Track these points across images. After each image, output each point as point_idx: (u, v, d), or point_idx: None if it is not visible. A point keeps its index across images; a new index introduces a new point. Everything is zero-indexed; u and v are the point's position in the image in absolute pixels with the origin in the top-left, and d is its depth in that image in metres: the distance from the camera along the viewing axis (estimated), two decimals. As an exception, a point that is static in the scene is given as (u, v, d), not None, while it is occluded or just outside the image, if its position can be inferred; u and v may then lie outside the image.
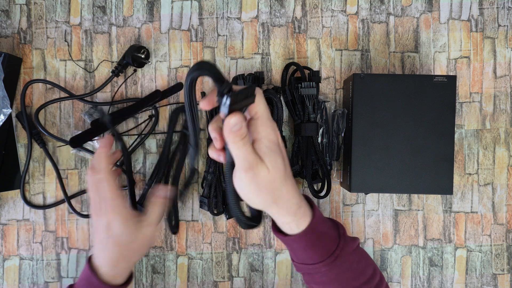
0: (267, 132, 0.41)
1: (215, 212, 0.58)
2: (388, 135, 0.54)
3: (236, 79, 0.57)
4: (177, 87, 0.60)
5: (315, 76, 0.57)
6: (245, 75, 0.57)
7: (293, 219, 0.45)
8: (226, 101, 0.36)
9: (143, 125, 0.61)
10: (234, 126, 0.38)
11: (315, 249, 0.47)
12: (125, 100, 0.60)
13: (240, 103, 0.38)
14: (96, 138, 0.60)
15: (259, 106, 0.40)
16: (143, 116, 0.61)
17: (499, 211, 0.61)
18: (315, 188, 0.59)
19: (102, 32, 0.62)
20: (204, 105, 0.39)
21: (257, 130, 0.41)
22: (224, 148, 0.42)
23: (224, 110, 0.37)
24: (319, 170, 0.59)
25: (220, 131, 0.40)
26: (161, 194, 0.53)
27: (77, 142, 0.58)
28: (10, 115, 0.59)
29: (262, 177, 0.40)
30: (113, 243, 0.48)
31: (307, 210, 0.46)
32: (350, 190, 0.55)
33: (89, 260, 0.51)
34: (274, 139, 0.42)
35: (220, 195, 0.58)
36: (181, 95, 0.61)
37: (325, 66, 0.61)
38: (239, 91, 0.37)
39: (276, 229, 0.49)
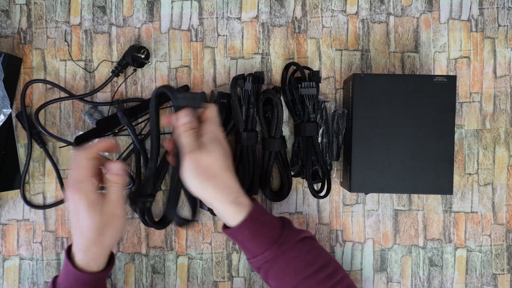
0: (212, 128, 0.49)
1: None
2: (388, 135, 0.54)
3: (236, 79, 0.57)
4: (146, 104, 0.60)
5: (315, 76, 0.57)
6: (245, 75, 0.57)
7: (232, 207, 0.48)
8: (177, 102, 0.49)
9: (142, 125, 0.61)
10: (183, 118, 0.48)
11: (260, 238, 0.49)
12: (125, 100, 0.60)
13: (189, 101, 0.49)
14: (101, 137, 0.60)
15: (210, 113, 0.50)
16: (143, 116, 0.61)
17: (499, 211, 0.61)
18: (315, 188, 0.59)
19: (102, 32, 0.62)
20: (164, 121, 0.52)
21: (205, 128, 0.49)
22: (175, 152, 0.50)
23: (175, 108, 0.49)
24: (319, 170, 0.59)
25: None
26: (113, 171, 0.50)
27: (82, 141, 0.58)
28: (10, 115, 0.59)
29: (203, 161, 0.47)
30: (79, 228, 0.48)
31: (246, 200, 0.50)
32: (350, 190, 0.55)
33: (69, 247, 0.51)
34: (218, 134, 0.49)
35: None
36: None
37: (325, 66, 0.61)
38: (188, 94, 0.52)
39: (224, 226, 0.51)
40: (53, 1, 0.62)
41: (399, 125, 0.54)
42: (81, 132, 0.61)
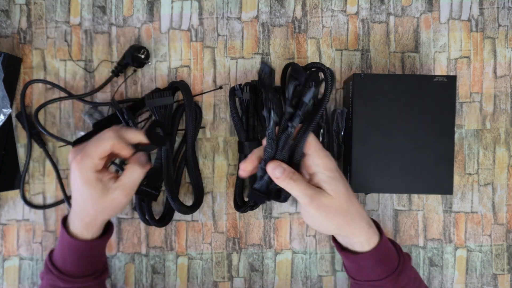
0: (324, 162, 0.44)
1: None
2: (388, 135, 0.54)
3: (233, 89, 0.57)
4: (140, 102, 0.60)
5: (314, 76, 0.56)
6: (242, 85, 0.56)
7: (366, 238, 0.47)
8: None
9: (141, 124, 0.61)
10: (275, 171, 0.43)
11: (383, 266, 0.48)
12: (125, 100, 0.60)
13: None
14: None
15: (310, 141, 0.44)
16: (143, 115, 0.61)
17: (499, 211, 0.61)
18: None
19: (102, 32, 0.62)
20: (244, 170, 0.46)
21: (314, 163, 0.45)
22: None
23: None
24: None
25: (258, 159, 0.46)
26: (138, 160, 0.49)
27: (80, 144, 0.58)
28: (10, 115, 0.59)
29: (327, 205, 0.44)
30: (74, 197, 0.48)
31: (375, 228, 0.49)
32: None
33: (64, 218, 0.52)
34: (332, 166, 0.45)
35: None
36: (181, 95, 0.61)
37: (325, 66, 0.61)
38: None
39: (342, 248, 0.50)
40: (53, 1, 0.62)
41: (399, 125, 0.54)
42: (82, 133, 0.61)
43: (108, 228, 0.54)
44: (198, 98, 0.61)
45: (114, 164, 0.60)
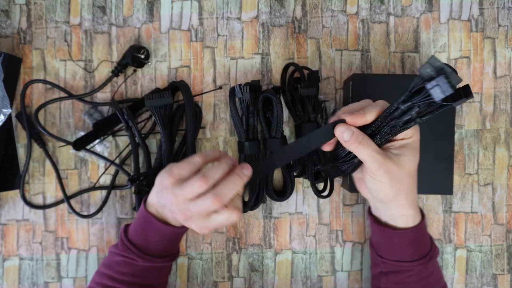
0: (406, 132, 0.43)
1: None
2: (388, 135, 0.54)
3: (233, 90, 0.57)
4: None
5: (314, 76, 0.57)
6: (242, 85, 0.56)
7: (413, 213, 0.48)
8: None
9: (142, 124, 0.61)
10: (343, 134, 0.42)
11: (416, 247, 0.49)
12: (125, 100, 0.60)
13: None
14: (98, 140, 0.60)
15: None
16: (143, 115, 0.61)
17: (499, 211, 0.61)
18: (318, 188, 0.59)
19: (102, 32, 0.62)
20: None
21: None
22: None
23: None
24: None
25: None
26: (243, 173, 0.45)
27: (80, 144, 0.58)
28: (10, 115, 0.59)
29: (394, 171, 0.43)
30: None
31: (419, 208, 0.50)
32: (350, 190, 0.55)
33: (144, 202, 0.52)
34: (414, 138, 0.44)
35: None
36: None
37: (325, 66, 0.61)
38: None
39: (378, 222, 0.51)
40: (53, 1, 0.61)
41: (399, 125, 0.54)
42: (82, 133, 0.61)
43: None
44: (198, 98, 0.61)
45: (114, 165, 0.60)
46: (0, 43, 0.61)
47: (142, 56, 0.59)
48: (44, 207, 0.61)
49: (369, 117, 0.42)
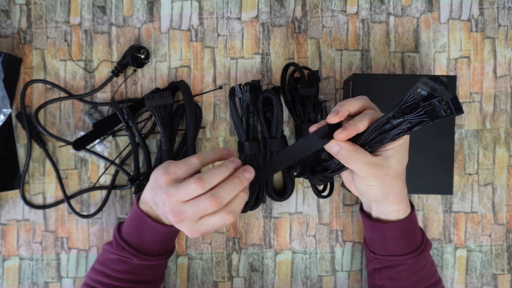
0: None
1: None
2: (388, 135, 0.54)
3: (233, 90, 0.57)
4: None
5: (314, 76, 0.57)
6: (242, 85, 0.56)
7: (404, 207, 0.49)
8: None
9: (142, 124, 0.61)
10: (331, 149, 0.42)
11: (407, 240, 0.49)
12: (125, 100, 0.60)
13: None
14: (98, 140, 0.60)
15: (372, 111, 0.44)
16: (143, 115, 0.61)
17: (499, 211, 0.61)
18: (318, 188, 0.59)
19: (102, 32, 0.62)
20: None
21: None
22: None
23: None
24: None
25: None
26: (244, 175, 0.44)
27: (80, 144, 0.58)
28: (10, 115, 0.59)
29: (385, 176, 0.43)
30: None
31: (408, 201, 0.51)
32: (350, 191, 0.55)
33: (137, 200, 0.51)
34: (404, 139, 0.43)
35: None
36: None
37: (325, 66, 0.61)
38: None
39: (369, 218, 0.51)
40: (53, 1, 0.61)
41: (399, 125, 0.54)
42: (82, 133, 0.61)
43: None
44: (198, 98, 0.61)
45: (114, 165, 0.60)
46: (0, 43, 0.61)
47: (142, 56, 0.59)
48: (44, 207, 0.61)
49: (361, 126, 0.42)
